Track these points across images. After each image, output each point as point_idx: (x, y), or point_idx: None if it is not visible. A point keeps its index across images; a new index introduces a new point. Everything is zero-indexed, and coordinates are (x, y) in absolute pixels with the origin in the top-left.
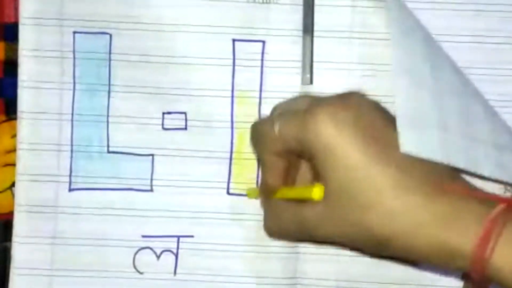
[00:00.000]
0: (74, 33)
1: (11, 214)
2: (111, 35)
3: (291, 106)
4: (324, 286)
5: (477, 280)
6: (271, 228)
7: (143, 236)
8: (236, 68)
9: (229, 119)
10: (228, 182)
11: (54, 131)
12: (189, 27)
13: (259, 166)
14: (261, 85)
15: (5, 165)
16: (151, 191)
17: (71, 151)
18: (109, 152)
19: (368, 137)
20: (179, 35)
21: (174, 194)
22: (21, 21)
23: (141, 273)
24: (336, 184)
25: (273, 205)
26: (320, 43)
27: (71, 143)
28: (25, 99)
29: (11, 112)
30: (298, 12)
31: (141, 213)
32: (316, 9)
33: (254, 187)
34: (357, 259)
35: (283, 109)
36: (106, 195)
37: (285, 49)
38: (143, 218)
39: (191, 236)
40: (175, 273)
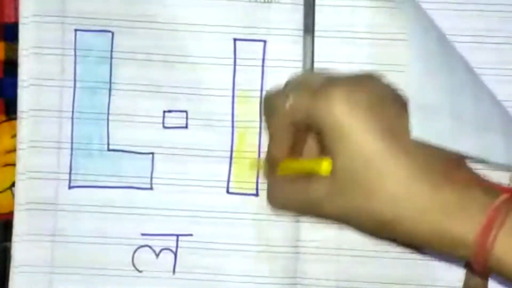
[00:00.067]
0: (75, 30)
1: (11, 214)
2: (113, 33)
3: (305, 81)
4: (324, 286)
5: (478, 269)
6: (275, 200)
7: (143, 234)
8: (237, 67)
9: (230, 118)
10: (228, 181)
11: (54, 129)
12: (191, 26)
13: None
14: (262, 85)
15: (5, 165)
16: (151, 189)
17: (71, 149)
18: (109, 150)
19: (379, 120)
20: (181, 34)
21: (174, 192)
22: (21, 20)
23: (140, 271)
24: (343, 162)
25: (278, 178)
26: (321, 43)
27: (71, 141)
28: (25, 99)
29: (11, 112)
30: (299, 11)
31: (140, 211)
32: (317, 9)
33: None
34: (357, 259)
35: (297, 83)
36: (106, 193)
37: (286, 49)
38: (143, 216)
39: (190, 234)
40: (174, 272)
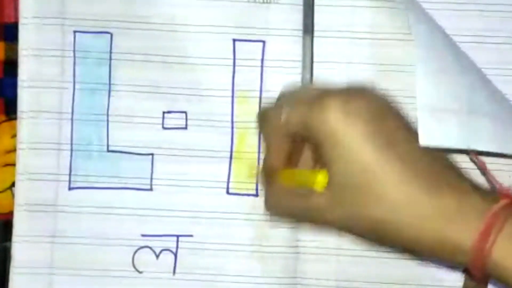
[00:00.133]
0: (74, 32)
1: (11, 214)
2: (112, 35)
3: (299, 93)
4: (324, 286)
5: (477, 275)
6: (273, 209)
7: (143, 235)
8: (236, 68)
9: (229, 118)
10: (227, 181)
11: (54, 130)
12: (190, 27)
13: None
14: (261, 85)
15: (5, 165)
16: (151, 190)
17: (71, 150)
18: (109, 151)
19: (375, 129)
20: (180, 34)
21: (173, 193)
22: (21, 21)
23: (140, 272)
24: (340, 172)
25: (276, 188)
26: (320, 43)
27: (71, 142)
28: (25, 99)
29: (11, 112)
30: (298, 12)
31: (140, 212)
32: (316, 9)
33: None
34: (357, 259)
35: (291, 96)
36: (106, 194)
37: (285, 49)
38: (143, 217)
39: (191, 235)
40: (174, 273)
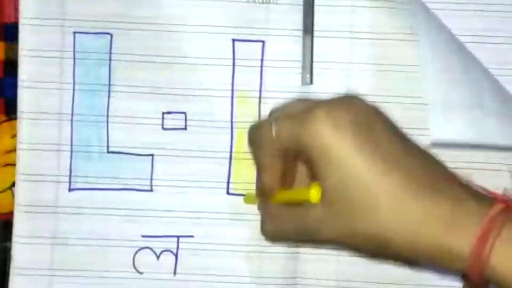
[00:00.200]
0: (74, 33)
1: (11, 214)
2: (111, 35)
3: (289, 108)
4: (324, 286)
5: (475, 281)
6: (269, 231)
7: (143, 236)
8: (236, 68)
9: (229, 119)
10: (227, 182)
11: (54, 131)
12: (189, 27)
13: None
14: (261, 85)
15: (5, 165)
16: (151, 191)
17: (71, 151)
18: (108, 152)
19: (365, 139)
20: (179, 35)
21: (174, 194)
22: (21, 21)
23: (140, 273)
24: (333, 185)
25: (271, 208)
26: (320, 43)
27: (71, 143)
28: (25, 99)
29: (11, 112)
30: (298, 12)
31: (140, 213)
32: (316, 9)
33: (251, 192)
34: (357, 259)
35: (280, 112)
36: (106, 195)
37: (285, 49)
38: (143, 218)
39: (191, 236)
40: (174, 273)
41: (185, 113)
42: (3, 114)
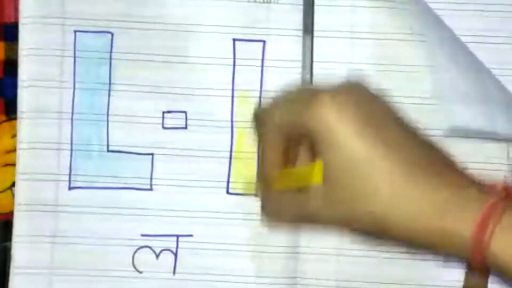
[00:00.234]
0: (75, 32)
1: (11, 214)
2: (112, 34)
3: (294, 93)
4: (324, 286)
5: (477, 267)
6: (269, 216)
7: (143, 235)
8: (236, 67)
9: (229, 118)
10: (227, 181)
11: (54, 130)
12: (190, 26)
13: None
14: (261, 85)
15: (5, 165)
16: (151, 190)
17: (71, 150)
18: (108, 151)
19: (369, 124)
20: (180, 34)
21: (173, 193)
22: (21, 21)
23: (140, 272)
24: (336, 169)
25: (271, 193)
26: (320, 43)
27: (71, 142)
28: (25, 99)
29: (11, 112)
30: (298, 12)
31: (140, 212)
32: (316, 9)
33: (251, 180)
34: (357, 259)
35: (286, 96)
36: (105, 194)
37: (285, 49)
38: (143, 217)
39: (191, 235)
40: (174, 273)
41: (185, 112)
42: (3, 114)
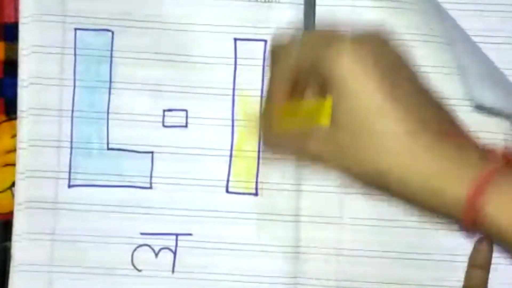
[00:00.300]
0: (75, 30)
1: (11, 214)
2: (113, 32)
3: (315, 32)
4: (324, 286)
5: (467, 227)
6: (271, 142)
7: (142, 233)
8: (237, 67)
9: (230, 117)
10: (227, 180)
11: (54, 128)
12: (191, 26)
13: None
14: (263, 84)
15: (5, 165)
16: (151, 188)
17: (71, 148)
18: (109, 149)
19: (386, 78)
20: (181, 33)
21: (173, 191)
22: (21, 20)
23: (139, 271)
24: (345, 111)
25: (274, 129)
26: None
27: (71, 140)
28: (25, 98)
29: (11, 112)
30: (299, 11)
31: (140, 210)
32: (317, 8)
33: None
34: (357, 259)
35: (307, 33)
36: (105, 192)
37: None
38: (142, 215)
39: (190, 234)
40: (173, 271)
41: (186, 110)
42: (3, 114)
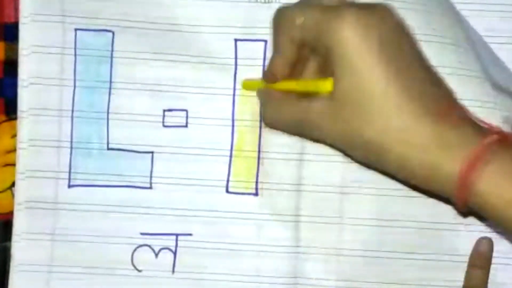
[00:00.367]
0: (75, 30)
1: (11, 214)
2: (113, 33)
3: (319, 1)
4: (324, 286)
5: (459, 204)
6: (271, 118)
7: (142, 233)
8: (238, 67)
9: (230, 117)
10: (227, 180)
11: (54, 128)
12: (191, 27)
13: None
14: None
15: (5, 165)
16: (151, 188)
17: (71, 148)
18: (109, 149)
19: (388, 50)
20: (181, 34)
21: (173, 191)
22: (21, 20)
23: (139, 271)
24: (346, 85)
25: (275, 95)
26: None
27: (71, 140)
28: (25, 98)
29: (11, 112)
30: None
31: (140, 211)
32: None
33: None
34: (357, 259)
35: (311, 1)
36: (105, 192)
37: None
38: (142, 215)
39: (190, 234)
40: (173, 271)
41: (186, 110)
42: (3, 114)
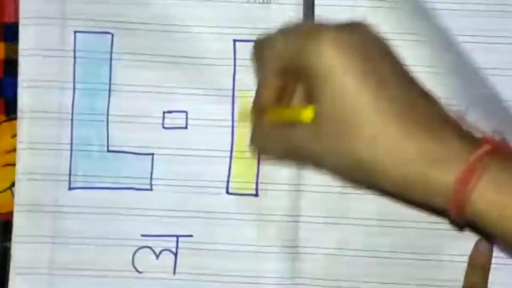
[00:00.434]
0: (75, 32)
1: (11, 214)
2: (112, 35)
3: (295, 26)
4: (324, 286)
5: (454, 217)
6: (257, 146)
7: (142, 235)
8: (237, 68)
9: (230, 118)
10: (227, 181)
11: (54, 130)
12: (190, 27)
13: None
14: None
15: (5, 165)
16: (151, 190)
17: (71, 150)
18: (109, 151)
19: (368, 65)
20: (180, 35)
21: (173, 193)
22: (21, 21)
23: (140, 273)
24: (328, 105)
25: (263, 125)
26: None
27: (71, 142)
28: (25, 99)
29: (11, 112)
30: (299, 12)
31: (140, 212)
32: (316, 9)
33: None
34: (357, 259)
35: (287, 28)
36: (105, 194)
37: None
38: (143, 217)
39: (190, 235)
40: (174, 273)
41: (186, 112)
42: (3, 114)
